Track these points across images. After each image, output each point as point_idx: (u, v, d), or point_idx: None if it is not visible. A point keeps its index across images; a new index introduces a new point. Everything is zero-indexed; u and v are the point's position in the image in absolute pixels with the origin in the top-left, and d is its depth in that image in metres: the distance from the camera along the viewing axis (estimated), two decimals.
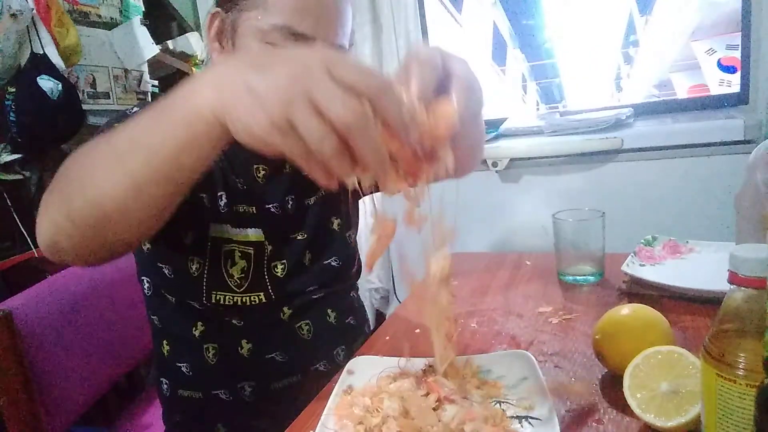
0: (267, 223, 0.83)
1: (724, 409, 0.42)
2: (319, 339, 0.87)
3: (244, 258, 0.81)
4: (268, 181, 0.85)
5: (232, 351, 0.83)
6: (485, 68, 1.92)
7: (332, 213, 0.92)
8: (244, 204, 0.82)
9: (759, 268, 0.40)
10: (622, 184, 1.60)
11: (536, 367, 0.63)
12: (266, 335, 0.84)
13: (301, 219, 0.87)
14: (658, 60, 1.71)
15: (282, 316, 0.85)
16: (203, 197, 0.79)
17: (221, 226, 0.80)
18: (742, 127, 1.45)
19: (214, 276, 0.80)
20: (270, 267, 0.84)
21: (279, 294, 0.84)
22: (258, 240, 0.82)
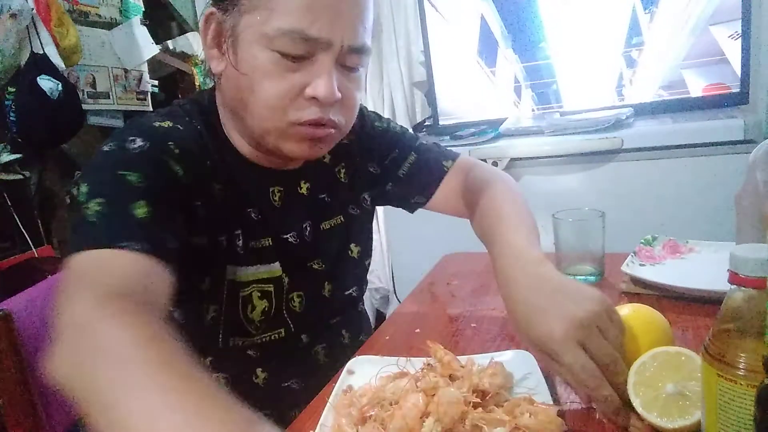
0: (284, 254, 0.77)
1: (724, 409, 0.42)
2: (335, 362, 0.81)
3: (264, 298, 0.75)
4: (285, 204, 0.78)
5: (245, 381, 0.77)
6: (474, 69, 1.92)
7: (351, 239, 0.86)
8: (261, 237, 0.75)
9: (759, 268, 0.40)
10: (622, 184, 1.60)
11: (536, 367, 0.63)
12: (283, 364, 0.79)
13: (318, 246, 0.81)
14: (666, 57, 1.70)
15: (299, 344, 0.81)
16: (222, 240, 0.71)
17: (238, 267, 0.73)
18: (742, 127, 1.45)
19: (231, 322, 0.74)
20: (288, 301, 0.78)
21: (299, 326, 0.79)
22: (276, 275, 0.76)
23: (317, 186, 0.82)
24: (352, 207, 0.87)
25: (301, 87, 0.64)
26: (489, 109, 1.96)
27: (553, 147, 1.66)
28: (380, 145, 0.89)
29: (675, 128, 1.56)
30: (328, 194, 0.83)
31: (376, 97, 2.26)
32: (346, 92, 0.67)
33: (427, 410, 0.55)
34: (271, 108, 0.65)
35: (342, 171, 0.85)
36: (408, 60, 2.19)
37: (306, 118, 0.66)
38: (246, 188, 0.74)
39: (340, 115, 0.69)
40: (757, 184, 0.80)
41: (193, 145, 0.68)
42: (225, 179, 0.71)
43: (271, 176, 0.76)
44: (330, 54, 0.64)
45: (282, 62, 0.63)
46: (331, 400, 0.62)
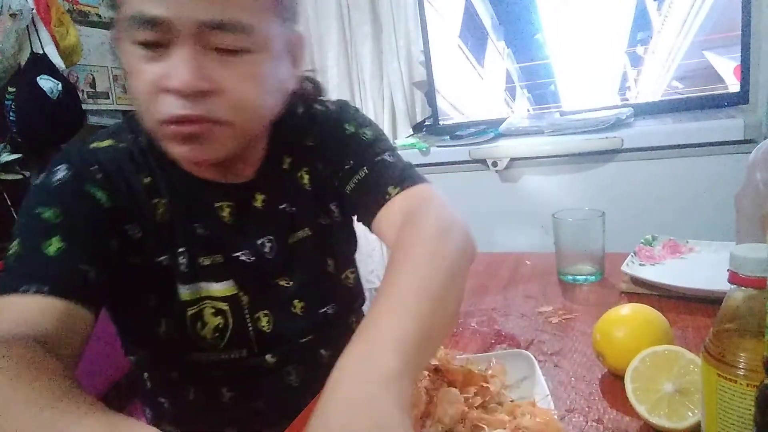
0: (238, 273, 0.71)
1: (724, 408, 0.42)
2: (309, 384, 0.73)
3: (218, 315, 0.70)
4: (237, 219, 0.71)
5: (212, 397, 0.74)
6: (474, 69, 1.92)
7: (326, 253, 0.78)
8: (209, 254, 0.69)
9: (759, 267, 0.40)
10: (622, 183, 1.60)
11: (536, 367, 0.63)
12: (248, 384, 0.74)
13: (284, 263, 0.74)
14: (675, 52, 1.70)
15: (265, 365, 0.74)
16: (162, 260, 0.68)
17: (184, 285, 0.69)
18: (742, 126, 1.45)
19: (185, 339, 0.70)
20: (253, 320, 0.72)
21: (263, 346, 0.73)
22: (230, 293, 0.70)
23: (275, 196, 0.73)
24: (322, 217, 0.78)
25: (160, 80, 0.57)
26: (489, 109, 1.96)
27: (553, 147, 1.66)
28: (341, 152, 0.77)
29: (675, 128, 1.56)
30: (291, 204, 0.75)
31: (376, 97, 2.26)
32: (221, 81, 0.58)
33: (427, 410, 0.55)
34: (145, 109, 0.60)
35: (305, 176, 0.76)
36: (408, 60, 2.19)
37: (167, 115, 0.58)
38: (190, 203, 0.69)
39: (221, 109, 0.59)
40: (757, 184, 0.80)
41: (126, 164, 0.66)
42: (168, 195, 0.68)
43: (217, 190, 0.70)
44: (183, 37, 0.56)
45: (142, 54, 0.57)
46: None
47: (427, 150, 1.81)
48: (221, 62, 0.58)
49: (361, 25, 2.20)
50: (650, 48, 1.71)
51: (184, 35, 0.56)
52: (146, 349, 0.76)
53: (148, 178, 0.67)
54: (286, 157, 0.76)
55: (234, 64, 0.59)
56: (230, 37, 0.57)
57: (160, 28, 0.56)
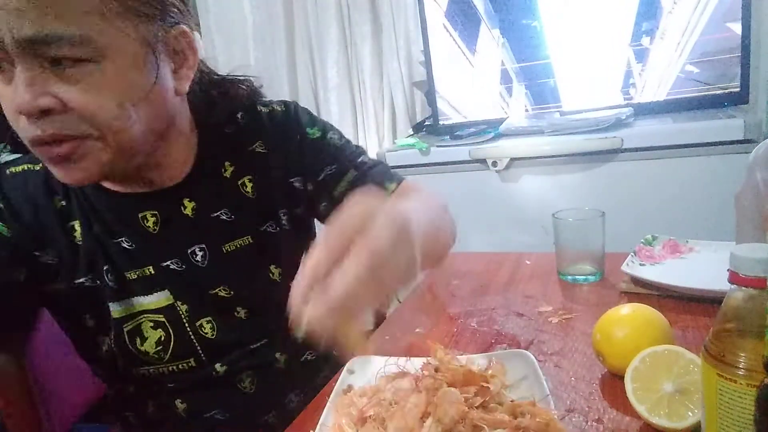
0: (171, 283, 0.70)
1: (724, 408, 0.42)
2: (266, 390, 0.75)
3: (158, 327, 0.69)
4: (163, 228, 0.70)
5: (168, 409, 0.73)
6: (474, 69, 1.92)
7: (269, 260, 0.76)
8: (139, 267, 0.68)
9: (759, 267, 0.40)
10: (622, 183, 1.60)
11: (536, 367, 0.63)
12: (200, 396, 0.73)
13: (220, 272, 0.72)
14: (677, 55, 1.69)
15: (215, 374, 0.72)
16: (83, 282, 0.67)
17: (115, 304, 0.68)
18: (742, 126, 1.45)
19: (127, 355, 0.69)
20: (194, 328, 0.71)
21: (211, 354, 0.72)
22: (167, 303, 0.69)
23: (209, 203, 0.72)
24: (270, 225, 0.76)
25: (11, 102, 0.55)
26: (488, 108, 1.96)
27: (553, 147, 1.66)
28: (313, 158, 0.77)
29: (675, 128, 1.56)
30: (229, 212, 0.73)
31: (376, 97, 2.26)
32: (63, 95, 0.54)
33: (427, 410, 0.55)
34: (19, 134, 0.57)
35: (249, 184, 0.75)
36: (408, 60, 2.19)
37: (29, 136, 0.56)
38: (111, 219, 0.68)
39: (72, 125, 0.56)
40: (757, 184, 0.80)
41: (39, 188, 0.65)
42: (85, 215, 0.67)
43: (139, 201, 0.69)
44: (13, 54, 0.53)
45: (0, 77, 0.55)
46: (331, 399, 0.62)
47: (427, 150, 1.81)
48: (60, 76, 0.55)
49: (361, 25, 2.20)
50: (654, 44, 1.71)
51: (15, 53, 0.53)
52: (99, 365, 0.76)
53: (63, 201, 0.67)
54: (228, 165, 0.74)
55: (74, 77, 0.55)
56: (61, 50, 0.53)
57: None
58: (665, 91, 1.73)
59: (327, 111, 2.31)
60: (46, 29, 0.52)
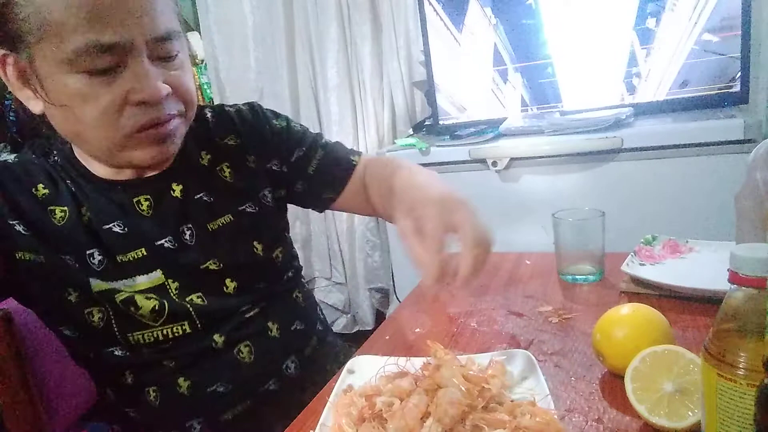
0: (164, 262, 0.74)
1: (724, 408, 0.42)
2: (264, 358, 0.80)
3: (150, 299, 0.73)
4: (156, 211, 0.75)
5: (171, 391, 0.76)
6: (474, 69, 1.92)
7: (252, 237, 0.82)
8: (129, 251, 0.73)
9: (759, 267, 0.40)
10: (622, 183, 1.60)
11: (536, 367, 0.63)
12: (202, 369, 0.77)
13: (208, 248, 0.78)
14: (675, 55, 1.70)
15: (214, 345, 0.77)
16: (65, 258, 0.71)
17: (103, 282, 0.72)
18: (742, 126, 1.45)
19: (122, 320, 0.72)
20: (185, 301, 0.75)
21: (206, 321, 0.76)
22: (158, 282, 0.74)
23: (192, 187, 0.79)
24: (248, 205, 0.83)
25: (122, 97, 0.64)
26: (489, 108, 1.96)
27: (553, 147, 1.65)
28: (282, 144, 0.89)
29: (675, 128, 1.56)
30: (209, 194, 0.80)
31: (376, 97, 2.26)
32: (174, 81, 0.67)
33: (428, 410, 0.55)
34: (103, 128, 0.65)
35: (226, 170, 0.83)
36: (408, 60, 2.19)
37: (143, 122, 0.66)
38: (105, 206, 0.73)
39: (178, 105, 0.69)
40: (757, 184, 0.80)
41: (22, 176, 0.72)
42: (74, 203, 0.73)
43: (134, 188, 0.75)
44: (138, 54, 0.63)
45: (93, 81, 0.62)
46: (331, 399, 0.62)
47: (427, 150, 1.81)
48: (167, 66, 0.67)
49: (361, 25, 2.20)
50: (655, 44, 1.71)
51: (139, 53, 0.63)
52: (95, 353, 0.77)
53: (46, 189, 0.72)
54: (204, 154, 0.82)
55: (174, 65, 0.68)
56: (172, 45, 0.67)
57: (113, 54, 0.61)
58: (665, 91, 1.73)
59: (327, 111, 2.31)
60: (168, 27, 0.65)
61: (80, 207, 0.73)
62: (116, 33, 0.60)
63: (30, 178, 0.73)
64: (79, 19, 0.58)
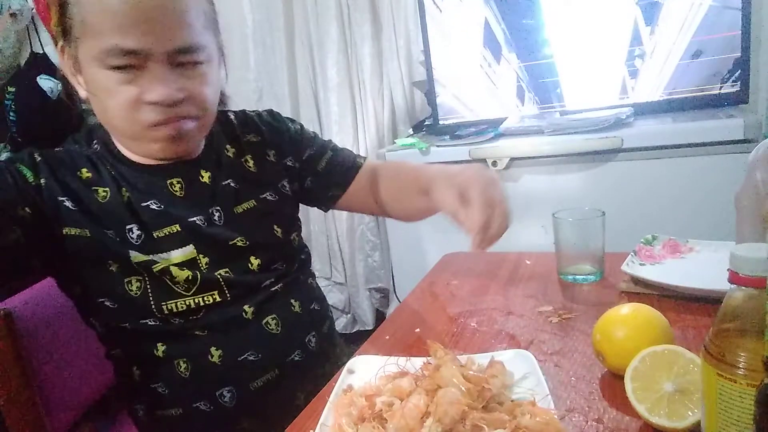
0: (196, 238, 0.81)
1: (724, 408, 0.42)
2: (290, 330, 0.86)
3: (183, 270, 0.79)
4: (188, 192, 0.83)
5: (202, 361, 0.80)
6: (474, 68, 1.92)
7: (273, 221, 0.90)
8: (165, 227, 0.79)
9: (759, 267, 0.40)
10: (622, 183, 1.60)
11: (536, 367, 0.63)
12: (234, 338, 0.82)
13: (235, 228, 0.85)
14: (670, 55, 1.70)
15: (245, 315, 0.83)
16: (107, 233, 0.76)
17: (141, 254, 0.77)
18: (741, 126, 1.45)
19: (157, 288, 0.78)
20: (214, 273, 0.81)
21: (235, 292, 0.82)
22: (190, 257, 0.80)
23: (219, 174, 0.86)
24: (269, 194, 0.91)
25: (139, 95, 0.71)
26: (489, 108, 1.96)
27: (553, 146, 1.65)
28: (297, 144, 0.98)
29: (675, 128, 1.56)
30: (234, 182, 0.87)
31: (376, 97, 2.26)
32: (190, 88, 0.74)
33: (428, 410, 0.55)
34: (123, 119, 0.73)
35: (250, 161, 0.91)
36: (408, 60, 2.19)
37: (154, 120, 0.73)
38: (142, 186, 0.80)
39: (192, 108, 0.75)
40: (757, 184, 0.80)
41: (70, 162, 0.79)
42: (114, 185, 0.79)
43: (168, 170, 0.82)
44: (156, 60, 0.70)
45: (116, 77, 0.70)
46: (331, 399, 0.62)
47: (427, 150, 1.81)
48: (184, 75, 0.73)
49: (361, 25, 2.20)
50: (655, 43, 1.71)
51: (157, 60, 0.70)
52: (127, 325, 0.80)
53: (89, 173, 0.79)
54: (229, 147, 0.91)
55: (194, 75, 0.74)
56: (195, 56, 0.73)
57: (133, 57, 0.69)
58: (665, 91, 1.73)
59: (327, 111, 2.31)
60: (187, 41, 0.71)
61: (120, 188, 0.79)
62: (137, 41, 0.68)
63: (74, 162, 0.80)
64: (110, 24, 0.67)
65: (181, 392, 0.81)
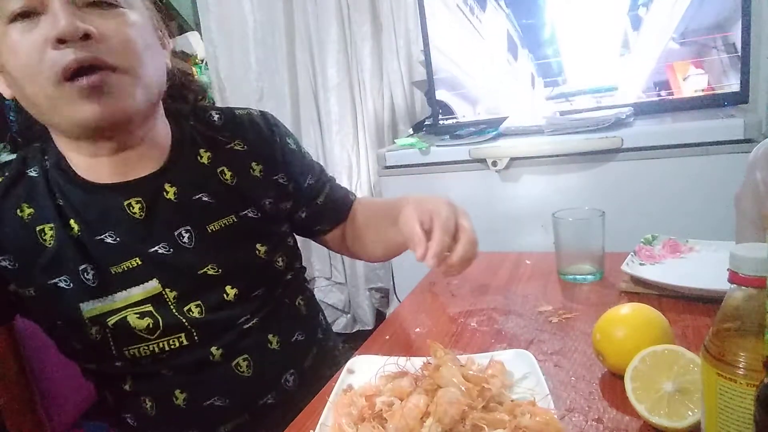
0: (161, 269, 0.72)
1: (724, 408, 0.42)
2: (263, 372, 0.78)
3: (144, 317, 0.71)
4: (149, 214, 0.72)
5: (167, 402, 0.75)
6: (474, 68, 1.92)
7: (255, 239, 0.80)
8: (123, 261, 0.70)
9: (759, 267, 0.40)
10: (622, 183, 1.60)
11: (536, 367, 0.63)
12: (200, 382, 0.75)
13: (207, 251, 0.75)
14: None
15: (212, 357, 0.74)
16: (58, 282, 0.69)
17: (97, 301, 0.70)
18: (742, 126, 1.45)
19: (118, 336, 0.71)
20: (183, 312, 0.73)
21: (203, 333, 0.74)
22: (154, 292, 0.71)
23: (189, 186, 0.76)
24: (250, 210, 0.81)
25: (42, 41, 0.61)
26: (488, 106, 1.96)
27: (553, 147, 1.65)
28: (293, 165, 0.88)
29: (675, 127, 1.56)
30: (209, 195, 0.77)
31: (376, 97, 2.26)
32: (105, 29, 0.63)
33: (428, 410, 0.55)
34: (31, 79, 0.62)
35: (227, 172, 0.80)
36: (408, 59, 2.19)
37: (62, 64, 0.61)
38: (94, 216, 0.71)
39: (110, 54, 0.63)
40: (757, 184, 0.80)
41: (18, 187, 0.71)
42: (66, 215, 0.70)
43: (125, 189, 0.72)
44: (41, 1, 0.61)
45: (18, 28, 0.61)
46: (331, 399, 0.62)
47: (427, 150, 1.81)
48: (96, 14, 0.63)
49: (361, 25, 2.20)
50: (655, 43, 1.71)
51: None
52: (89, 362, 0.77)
53: (30, 208, 0.70)
54: (204, 152, 0.79)
55: (108, 15, 0.64)
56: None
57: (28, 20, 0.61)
58: (665, 90, 1.73)
59: (327, 111, 2.31)
60: None
61: (68, 221, 0.70)
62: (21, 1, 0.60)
63: (14, 199, 0.71)
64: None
65: (148, 428, 0.77)
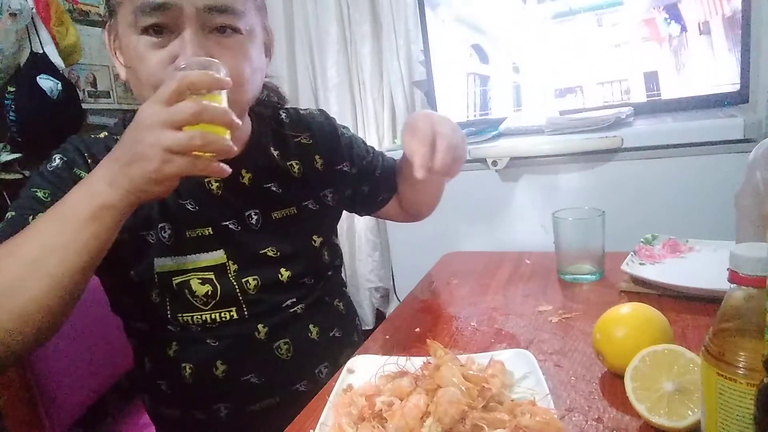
0: (228, 242, 0.79)
1: (724, 408, 0.42)
2: (300, 358, 0.83)
3: (205, 283, 0.77)
4: (225, 192, 0.80)
5: (207, 371, 0.79)
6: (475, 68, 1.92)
7: (313, 230, 0.88)
8: (198, 227, 0.78)
9: (759, 267, 0.40)
10: (622, 183, 1.60)
11: (536, 366, 0.63)
12: (241, 356, 0.80)
13: (270, 235, 0.82)
14: None
15: (257, 334, 0.80)
16: (144, 234, 0.76)
17: (169, 258, 0.76)
18: (742, 125, 1.45)
19: (176, 301, 0.77)
20: (240, 283, 0.79)
21: (253, 310, 0.80)
22: (219, 262, 0.78)
23: (261, 176, 0.83)
24: (310, 202, 0.88)
25: (168, 60, 0.67)
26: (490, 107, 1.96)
27: (553, 146, 1.65)
28: (352, 150, 0.96)
29: (675, 127, 1.56)
30: (277, 186, 0.85)
31: (376, 97, 2.26)
32: (219, 57, 0.67)
33: (427, 410, 0.55)
34: (151, 86, 0.67)
35: (295, 167, 0.88)
36: (408, 59, 2.19)
37: None
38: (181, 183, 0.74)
39: None
40: (757, 184, 0.80)
41: None
42: None
43: None
44: (187, 20, 0.66)
45: (148, 41, 0.67)
46: (331, 399, 0.62)
47: None
48: (218, 42, 0.69)
49: (361, 25, 2.20)
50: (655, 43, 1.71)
51: (189, 18, 0.66)
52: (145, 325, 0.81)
53: None
54: (274, 149, 0.87)
55: (228, 43, 0.70)
56: (226, 18, 0.69)
57: (166, 14, 0.66)
58: (665, 90, 1.73)
59: (327, 111, 2.31)
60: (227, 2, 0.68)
61: None
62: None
63: None
64: None
65: (182, 396, 0.81)
